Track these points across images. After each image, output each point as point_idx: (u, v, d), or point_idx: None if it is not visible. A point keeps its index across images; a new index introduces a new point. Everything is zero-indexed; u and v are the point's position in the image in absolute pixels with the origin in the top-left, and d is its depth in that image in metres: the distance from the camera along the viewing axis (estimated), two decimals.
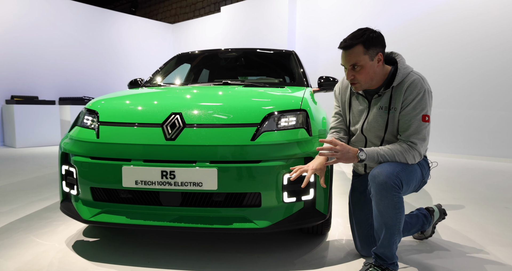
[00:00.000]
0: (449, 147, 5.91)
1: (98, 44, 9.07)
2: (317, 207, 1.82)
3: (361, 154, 1.56)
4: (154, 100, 2.07)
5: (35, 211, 2.69)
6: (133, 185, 1.72)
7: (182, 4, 11.95)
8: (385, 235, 1.52)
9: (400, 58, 1.68)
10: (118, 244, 2.05)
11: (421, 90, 1.57)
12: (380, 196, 1.49)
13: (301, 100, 1.97)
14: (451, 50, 5.80)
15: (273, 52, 3.26)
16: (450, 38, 5.80)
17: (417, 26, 6.13)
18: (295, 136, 1.78)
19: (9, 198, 3.07)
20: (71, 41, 8.49)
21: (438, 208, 2.08)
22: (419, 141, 1.57)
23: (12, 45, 7.48)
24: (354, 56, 1.56)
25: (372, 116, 1.69)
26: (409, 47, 6.17)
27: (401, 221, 1.51)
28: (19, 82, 7.64)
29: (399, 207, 1.49)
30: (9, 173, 4.23)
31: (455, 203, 3.00)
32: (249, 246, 2.03)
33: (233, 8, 8.69)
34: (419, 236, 2.10)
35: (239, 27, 8.50)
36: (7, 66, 7.44)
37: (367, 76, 1.59)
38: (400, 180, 1.48)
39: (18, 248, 1.98)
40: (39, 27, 7.90)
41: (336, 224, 2.40)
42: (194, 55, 3.31)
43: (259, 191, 1.71)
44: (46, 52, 8.03)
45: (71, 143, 1.93)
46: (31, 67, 7.80)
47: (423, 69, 6.02)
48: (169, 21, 12.27)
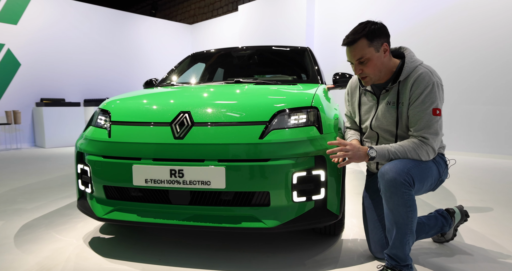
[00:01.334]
0: (471, 146, 5.67)
1: (119, 46, 9.32)
2: (328, 207, 1.78)
3: (371, 151, 1.52)
4: (164, 100, 2.09)
5: (57, 208, 2.79)
6: (143, 184, 1.74)
7: (200, 5, 12.07)
8: (396, 234, 1.47)
9: (408, 52, 1.63)
10: (132, 241, 2.09)
11: (429, 83, 1.51)
12: (389, 193, 1.44)
13: (312, 97, 1.93)
14: (468, 42, 5.58)
15: (287, 49, 3.22)
16: (465, 31, 5.59)
17: (435, 19, 5.96)
18: (305, 134, 1.75)
19: (35, 195, 3.20)
20: (94, 44, 8.77)
21: (460, 210, 1.98)
22: (431, 135, 1.51)
23: (40, 50, 7.82)
24: (359, 50, 1.53)
25: (380, 111, 1.65)
26: (427, 40, 5.99)
27: (413, 220, 1.45)
28: (48, 85, 7.97)
29: (410, 205, 1.43)
30: (37, 172, 4.42)
31: (482, 205, 2.85)
32: (259, 245, 2.01)
33: (250, 6, 8.68)
34: (439, 239, 2.01)
35: (257, 25, 8.48)
36: (36, 70, 7.79)
37: (375, 68, 1.56)
38: (411, 177, 1.43)
39: (39, 244, 2.06)
40: (64, 32, 8.21)
41: (350, 225, 2.34)
42: (208, 54, 3.32)
43: (267, 190, 1.69)
44: (72, 56, 8.35)
45: (85, 142, 1.97)
46: (58, 70, 8.12)
47: (442, 62, 5.83)
48: (188, 22, 12.42)
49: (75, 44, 8.40)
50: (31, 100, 7.76)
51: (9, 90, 7.44)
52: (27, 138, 7.75)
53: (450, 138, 5.77)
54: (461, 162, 4.94)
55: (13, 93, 7.49)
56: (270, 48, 3.27)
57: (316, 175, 1.72)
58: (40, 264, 1.78)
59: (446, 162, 1.67)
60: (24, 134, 7.69)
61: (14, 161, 5.49)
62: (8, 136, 7.42)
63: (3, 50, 7.28)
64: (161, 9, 13.84)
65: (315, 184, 1.73)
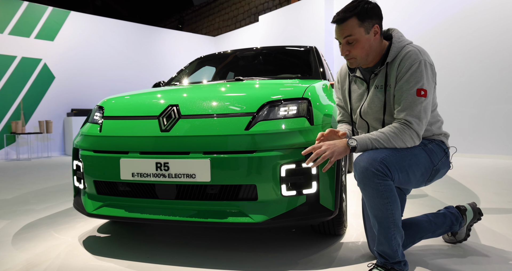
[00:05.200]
0: (498, 148, 5.27)
1: (146, 59, 9.65)
2: (321, 202, 1.65)
3: (350, 141, 1.36)
4: (157, 95, 2.07)
5: (64, 209, 2.82)
6: (130, 178, 1.70)
7: (224, 18, 12.32)
8: (379, 229, 1.33)
9: (396, 32, 1.52)
10: (125, 240, 2.05)
11: (415, 61, 1.38)
12: (362, 185, 1.32)
13: (305, 89, 1.84)
14: (496, 37, 5.27)
15: (293, 48, 3.15)
16: (492, 27, 5.28)
17: (456, 20, 5.74)
18: (294, 125, 1.66)
19: (48, 197, 3.28)
20: (122, 57, 9.14)
21: (472, 207, 1.78)
22: (414, 119, 1.37)
23: (73, 64, 8.27)
24: (348, 29, 1.43)
25: (369, 97, 1.52)
26: (453, 37, 5.74)
27: (393, 213, 1.31)
28: (79, 97, 8.36)
29: (387, 197, 1.29)
30: (58, 177, 4.56)
31: (507, 207, 2.59)
32: (252, 244, 1.91)
33: (270, 16, 8.74)
34: (450, 239, 1.82)
35: (277, 34, 8.50)
36: (69, 82, 8.21)
37: (363, 50, 1.45)
38: (385, 166, 1.29)
39: (35, 241, 2.07)
40: (96, 47, 8.64)
41: (356, 225, 2.18)
42: (214, 56, 3.32)
43: (254, 183, 1.60)
44: (101, 69, 8.74)
45: (80, 138, 1.99)
46: (89, 82, 8.51)
47: (465, 64, 5.53)
48: (212, 34, 12.69)
49: (105, 58, 8.80)
50: (63, 110, 8.16)
51: (44, 101, 7.87)
52: (58, 147, 8.11)
53: (479, 140, 5.43)
54: (489, 165, 4.61)
55: (47, 104, 7.91)
56: (276, 48, 3.22)
57: (306, 168, 1.62)
58: (29, 261, 1.77)
59: (445, 150, 1.51)
60: (55, 143, 8.05)
61: (40, 168, 5.72)
62: (40, 145, 7.80)
63: (40, 65, 7.76)
64: (187, 24, 14.27)
65: (305, 177, 1.62)
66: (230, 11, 12.02)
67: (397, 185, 1.39)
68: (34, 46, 7.68)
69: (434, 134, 1.53)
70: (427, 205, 2.69)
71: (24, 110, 7.49)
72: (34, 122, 7.73)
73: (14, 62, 7.43)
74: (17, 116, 7.42)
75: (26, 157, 7.49)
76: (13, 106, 7.43)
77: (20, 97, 7.50)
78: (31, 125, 7.68)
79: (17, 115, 7.43)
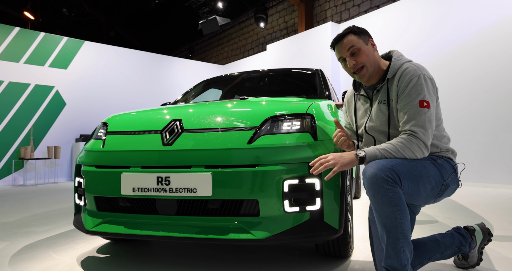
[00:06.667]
0: (510, 178, 5.10)
1: (156, 86, 9.87)
2: (325, 219, 1.59)
3: (359, 152, 1.38)
4: (161, 111, 2.08)
5: (65, 231, 2.77)
6: (131, 193, 1.68)
7: (233, 47, 12.69)
8: (387, 239, 1.26)
9: (396, 52, 1.60)
10: (124, 260, 1.99)
11: (414, 75, 1.44)
12: (372, 191, 1.28)
13: (309, 105, 1.84)
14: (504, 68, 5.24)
15: (299, 71, 3.19)
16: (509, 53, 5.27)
17: (465, 49, 5.74)
18: (298, 140, 1.64)
19: (50, 220, 3.24)
20: (132, 84, 9.37)
21: (481, 228, 1.69)
22: (419, 129, 1.38)
23: (84, 91, 8.47)
24: (349, 42, 1.53)
25: (374, 112, 1.56)
26: (461, 67, 5.73)
27: (403, 222, 1.25)
28: (88, 122, 8.49)
29: (396, 204, 1.24)
30: (63, 201, 4.53)
31: None
32: (254, 266, 1.83)
33: (278, 45, 8.97)
34: (462, 264, 1.72)
35: (285, 62, 8.67)
36: (78, 108, 8.38)
37: (368, 57, 1.52)
38: (395, 173, 1.27)
39: (33, 262, 2.01)
40: (107, 74, 8.90)
41: (362, 249, 2.09)
42: (220, 78, 3.37)
43: (256, 198, 1.56)
44: (111, 95, 8.93)
45: (84, 154, 1.98)
46: (99, 108, 8.66)
47: (482, 88, 5.49)
48: (221, 63, 13.02)
49: (116, 85, 9.03)
50: (72, 136, 8.27)
51: (54, 127, 8.01)
52: (65, 173, 8.14)
53: (490, 169, 5.28)
54: (501, 194, 4.47)
55: (57, 129, 8.04)
56: (282, 70, 3.26)
57: (310, 184, 1.58)
58: None
59: (454, 167, 1.48)
60: (62, 168, 8.09)
61: (46, 193, 5.71)
62: (48, 171, 7.83)
63: (52, 92, 7.98)
64: (197, 53, 14.70)
65: (309, 193, 1.57)
66: (238, 41, 12.39)
67: (406, 195, 1.35)
68: (48, 74, 7.94)
69: (442, 150, 1.51)
70: (437, 231, 2.58)
71: (34, 136, 7.61)
72: (43, 148, 7.82)
73: (28, 89, 7.65)
74: (27, 142, 7.53)
75: (33, 182, 7.51)
76: (23, 132, 7.56)
77: (31, 123, 7.65)
78: (40, 150, 7.77)
79: (26, 141, 7.54)
